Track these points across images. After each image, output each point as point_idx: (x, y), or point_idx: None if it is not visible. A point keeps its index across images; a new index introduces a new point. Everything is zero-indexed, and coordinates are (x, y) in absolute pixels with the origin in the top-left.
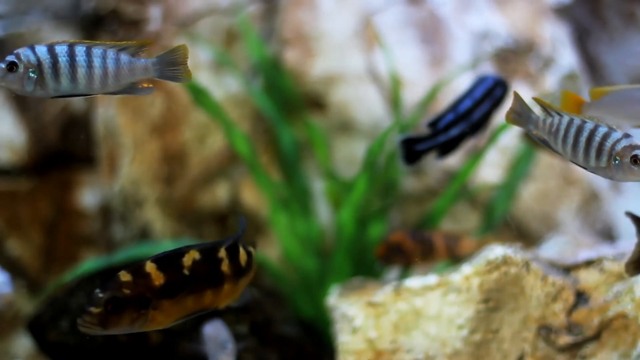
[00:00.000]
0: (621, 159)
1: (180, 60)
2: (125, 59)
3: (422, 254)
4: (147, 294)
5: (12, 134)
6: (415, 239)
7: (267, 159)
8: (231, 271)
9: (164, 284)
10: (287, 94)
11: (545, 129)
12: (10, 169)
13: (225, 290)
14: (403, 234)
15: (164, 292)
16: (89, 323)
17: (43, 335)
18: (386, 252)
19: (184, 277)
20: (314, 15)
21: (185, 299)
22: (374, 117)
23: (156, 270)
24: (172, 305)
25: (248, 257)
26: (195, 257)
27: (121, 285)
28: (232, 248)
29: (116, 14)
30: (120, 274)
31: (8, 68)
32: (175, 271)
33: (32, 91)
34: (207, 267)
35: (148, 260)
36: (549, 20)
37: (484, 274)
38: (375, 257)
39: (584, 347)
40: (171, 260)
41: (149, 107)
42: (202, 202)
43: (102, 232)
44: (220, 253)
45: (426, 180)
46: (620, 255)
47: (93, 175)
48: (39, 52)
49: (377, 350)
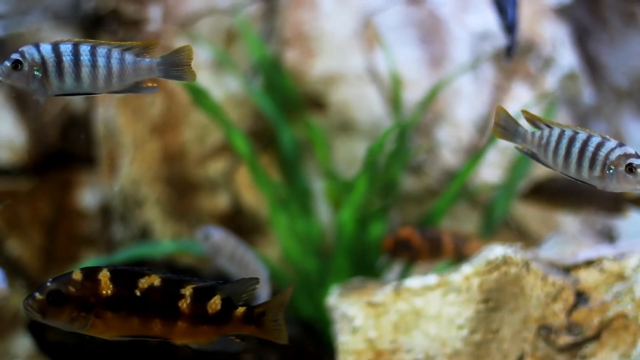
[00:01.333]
0: (616, 168)
1: (185, 61)
2: (129, 58)
3: (430, 252)
4: (90, 299)
5: (12, 134)
6: (424, 236)
7: (267, 159)
8: (191, 312)
9: (109, 296)
10: (287, 94)
11: (534, 142)
12: (10, 169)
13: (180, 327)
14: (412, 230)
15: (107, 303)
16: (30, 307)
17: (43, 335)
18: (393, 246)
19: (133, 297)
20: (314, 15)
21: (130, 319)
22: (374, 117)
23: (108, 280)
24: (114, 319)
25: (224, 308)
26: (154, 282)
27: (69, 282)
28: (204, 291)
29: (116, 14)
30: (75, 271)
31: (13, 66)
32: (126, 288)
33: (37, 89)
34: (161, 297)
35: (106, 268)
36: (549, 20)
37: (484, 274)
38: (383, 249)
39: (584, 347)
40: (128, 276)
41: (149, 107)
42: (202, 202)
43: (102, 232)
44: (184, 290)
45: (426, 180)
46: (620, 255)
47: (93, 175)
48: (43, 50)
49: (377, 350)
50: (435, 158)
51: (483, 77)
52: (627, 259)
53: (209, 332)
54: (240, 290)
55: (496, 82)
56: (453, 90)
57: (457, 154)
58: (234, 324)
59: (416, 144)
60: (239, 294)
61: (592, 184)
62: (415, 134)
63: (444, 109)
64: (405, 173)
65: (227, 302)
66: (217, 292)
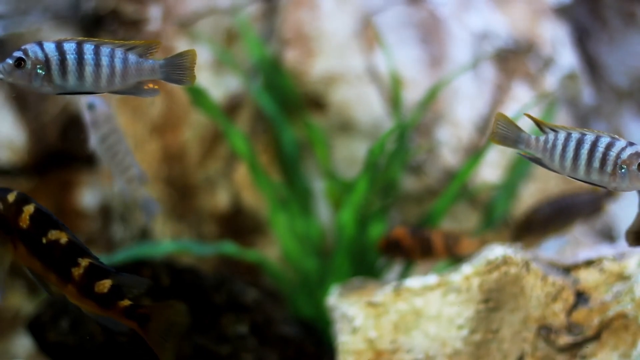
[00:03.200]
0: (628, 167)
1: (189, 65)
2: (132, 59)
3: (421, 252)
4: (10, 224)
5: (12, 134)
6: (415, 236)
7: (267, 159)
8: (80, 282)
9: (22, 229)
10: (287, 94)
11: (539, 147)
12: (10, 169)
13: (70, 289)
14: (404, 231)
15: (20, 235)
16: None
17: (43, 335)
18: (386, 247)
19: (39, 242)
20: (314, 15)
21: (34, 259)
22: (374, 117)
23: (28, 216)
24: (24, 251)
25: (110, 293)
26: (61, 239)
27: (1, 200)
28: (98, 270)
29: (116, 14)
30: (13, 193)
31: (16, 64)
32: (38, 231)
33: (39, 87)
34: (59, 255)
35: (34, 204)
36: (549, 20)
37: (484, 274)
38: (378, 250)
39: (584, 347)
40: (45, 222)
41: (149, 107)
42: (202, 202)
43: (102, 232)
44: (82, 260)
45: (426, 180)
46: (620, 255)
47: (93, 175)
48: (47, 48)
49: (377, 350)
50: (435, 158)
51: (483, 77)
52: (627, 259)
53: (94, 307)
54: (132, 284)
55: (496, 82)
56: (453, 90)
57: (457, 154)
58: (116, 311)
59: (416, 144)
60: (129, 286)
61: (602, 186)
62: (415, 134)
63: (444, 109)
64: (405, 173)
65: (115, 289)
66: (110, 277)
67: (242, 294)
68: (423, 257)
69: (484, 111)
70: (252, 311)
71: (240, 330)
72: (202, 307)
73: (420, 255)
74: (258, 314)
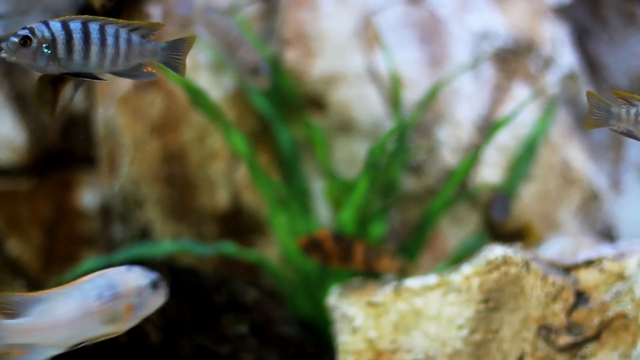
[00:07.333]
0: None
1: (186, 50)
2: (136, 39)
3: (340, 259)
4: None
5: (12, 134)
6: (337, 241)
7: (267, 159)
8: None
9: None
10: (287, 93)
11: (630, 120)
12: (10, 169)
13: None
14: (328, 234)
15: None
16: None
17: None
18: (306, 245)
19: None
20: (314, 15)
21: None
22: (374, 117)
23: None
24: None
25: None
26: None
27: None
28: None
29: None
30: None
31: (21, 42)
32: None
33: (43, 67)
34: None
35: None
36: (549, 20)
37: (484, 274)
38: (298, 245)
39: (584, 347)
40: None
41: (149, 107)
42: (202, 202)
43: (102, 232)
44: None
45: (426, 180)
46: (620, 255)
47: (93, 175)
48: (53, 27)
49: (377, 350)
50: (435, 158)
51: (483, 77)
52: (627, 259)
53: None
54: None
55: (496, 82)
56: (453, 90)
57: (457, 154)
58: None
59: (416, 144)
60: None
61: None
62: (415, 134)
63: (444, 109)
64: (405, 173)
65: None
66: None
67: (242, 294)
68: (341, 264)
69: (483, 111)
70: (252, 311)
71: (240, 330)
72: (202, 307)
73: (338, 261)
74: (258, 314)
